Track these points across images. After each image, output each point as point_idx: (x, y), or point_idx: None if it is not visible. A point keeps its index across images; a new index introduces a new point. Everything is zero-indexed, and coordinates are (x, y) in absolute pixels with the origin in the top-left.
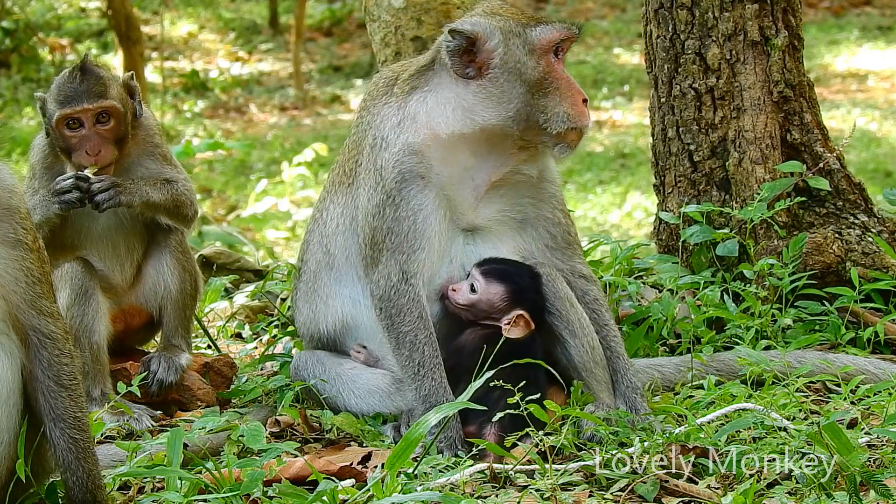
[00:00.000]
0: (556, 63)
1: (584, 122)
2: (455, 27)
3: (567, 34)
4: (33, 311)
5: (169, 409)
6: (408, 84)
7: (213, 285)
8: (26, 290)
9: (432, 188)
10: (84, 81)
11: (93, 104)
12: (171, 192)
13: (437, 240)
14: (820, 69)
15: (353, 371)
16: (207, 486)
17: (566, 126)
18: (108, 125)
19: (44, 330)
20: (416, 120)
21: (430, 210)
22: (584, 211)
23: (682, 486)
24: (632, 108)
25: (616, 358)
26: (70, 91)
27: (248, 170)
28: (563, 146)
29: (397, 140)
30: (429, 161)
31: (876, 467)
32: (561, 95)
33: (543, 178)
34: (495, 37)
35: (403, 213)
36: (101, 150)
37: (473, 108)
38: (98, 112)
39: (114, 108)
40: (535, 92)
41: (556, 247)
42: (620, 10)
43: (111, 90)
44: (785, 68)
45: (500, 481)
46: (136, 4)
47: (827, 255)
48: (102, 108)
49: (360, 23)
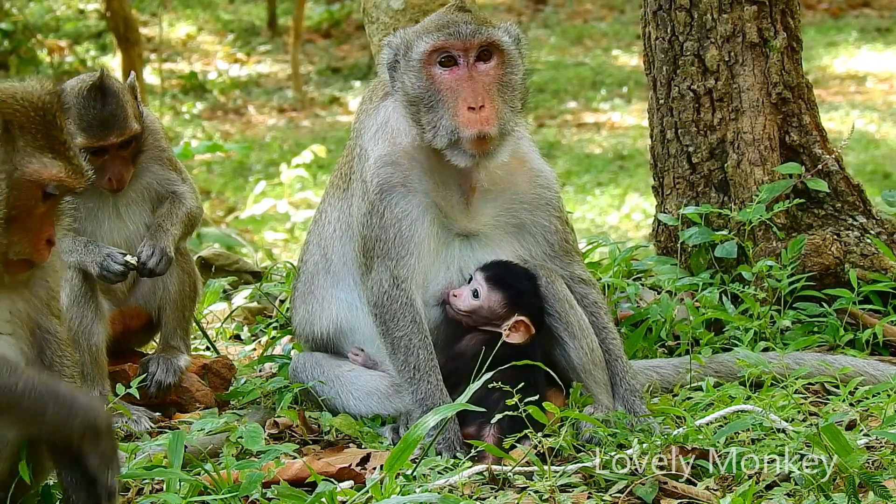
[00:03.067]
0: (443, 74)
1: (470, 132)
2: (387, 40)
3: (438, 44)
4: (47, 310)
5: (168, 411)
6: (382, 90)
7: (211, 287)
8: (47, 289)
9: (416, 194)
10: (105, 107)
11: (119, 137)
12: (185, 212)
13: (427, 244)
14: (818, 71)
15: (351, 373)
16: (206, 488)
17: (448, 140)
18: (128, 148)
19: (51, 329)
20: (388, 128)
21: (416, 216)
22: (582, 213)
23: (680, 488)
24: (630, 109)
25: (615, 360)
26: (93, 119)
27: (247, 171)
28: (462, 154)
29: (374, 151)
30: (405, 169)
31: (875, 469)
32: (444, 108)
33: (538, 184)
34: (400, 51)
35: (388, 222)
36: (122, 175)
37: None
38: (122, 142)
39: (136, 133)
40: (421, 107)
41: (553, 254)
42: (619, 12)
43: (130, 109)
44: (783, 70)
45: (498, 483)
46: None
47: (825, 256)
48: (128, 138)
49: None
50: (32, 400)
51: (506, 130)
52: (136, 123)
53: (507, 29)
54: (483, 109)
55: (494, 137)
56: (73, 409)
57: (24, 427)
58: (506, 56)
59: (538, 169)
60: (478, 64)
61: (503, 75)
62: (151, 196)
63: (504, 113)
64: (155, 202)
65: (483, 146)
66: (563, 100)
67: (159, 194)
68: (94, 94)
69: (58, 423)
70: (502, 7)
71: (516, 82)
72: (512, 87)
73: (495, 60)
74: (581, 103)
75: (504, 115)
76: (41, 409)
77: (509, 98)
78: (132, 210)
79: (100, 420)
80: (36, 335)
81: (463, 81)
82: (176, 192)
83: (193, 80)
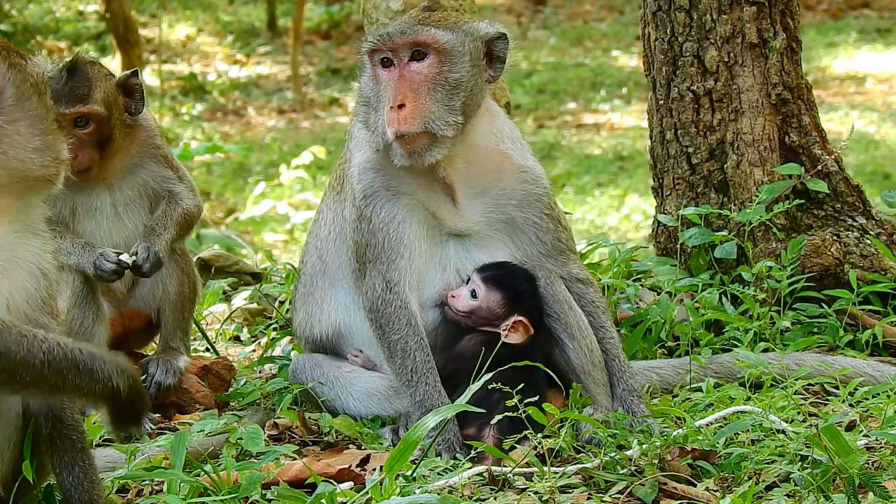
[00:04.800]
0: (383, 74)
1: (391, 130)
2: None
3: (370, 45)
4: (45, 308)
5: (167, 412)
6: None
7: (211, 288)
8: (46, 285)
9: (401, 196)
10: (68, 83)
11: (70, 109)
12: (180, 213)
13: (418, 246)
14: (818, 71)
15: (351, 374)
16: (206, 489)
17: (382, 140)
18: (86, 129)
19: (50, 328)
20: (374, 129)
21: (403, 217)
22: (582, 213)
23: (680, 489)
24: (630, 110)
25: (612, 360)
26: (54, 93)
27: (247, 172)
28: (395, 154)
29: (357, 156)
30: (388, 173)
31: (874, 469)
32: (380, 108)
33: (524, 180)
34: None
35: (376, 226)
36: (77, 154)
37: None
38: (75, 116)
39: (93, 113)
40: (370, 108)
41: (547, 253)
42: (619, 13)
43: (95, 93)
44: (783, 71)
45: (498, 484)
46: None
47: (825, 257)
48: (80, 114)
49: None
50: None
51: (432, 129)
52: (96, 105)
53: (464, 28)
54: (403, 108)
55: (417, 136)
56: (94, 374)
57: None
58: (443, 55)
59: (524, 166)
60: (410, 63)
61: (437, 74)
62: (149, 194)
63: (431, 112)
64: (153, 201)
65: (406, 145)
66: (563, 101)
67: (156, 192)
68: (61, 72)
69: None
70: (502, 8)
71: (456, 80)
72: (449, 86)
73: (430, 59)
74: (581, 104)
75: (431, 115)
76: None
77: (444, 97)
78: (130, 209)
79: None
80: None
81: (393, 81)
82: (172, 190)
83: (193, 81)
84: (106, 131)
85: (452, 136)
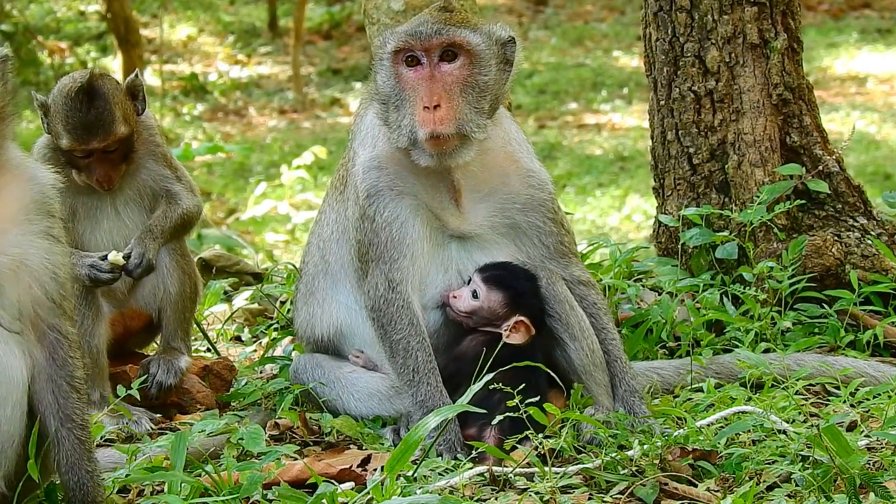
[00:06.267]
0: (408, 73)
1: (424, 131)
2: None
3: (400, 44)
4: (59, 310)
5: (168, 412)
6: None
7: (212, 288)
8: (58, 288)
9: (404, 196)
10: (91, 111)
11: (103, 143)
12: (178, 213)
13: (420, 246)
14: (819, 72)
15: (352, 374)
16: (207, 489)
17: (408, 139)
18: (116, 152)
19: (62, 330)
20: (374, 131)
21: (406, 218)
22: (583, 214)
23: (681, 489)
24: (631, 110)
25: (614, 360)
26: (78, 122)
27: (248, 173)
28: (422, 154)
29: (361, 155)
30: (392, 172)
31: (875, 470)
32: (406, 107)
33: (530, 184)
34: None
35: (379, 226)
36: (110, 176)
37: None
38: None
39: (124, 137)
40: (389, 107)
41: (550, 256)
42: (619, 13)
43: (118, 112)
44: (784, 71)
45: (499, 484)
46: (136, 8)
47: (826, 257)
48: (112, 143)
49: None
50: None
51: (465, 131)
52: (122, 127)
53: (485, 30)
54: (438, 109)
55: (450, 137)
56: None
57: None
58: (474, 57)
59: (530, 169)
60: (441, 64)
61: (468, 76)
62: (148, 194)
63: (464, 114)
64: (153, 200)
65: (438, 146)
66: (564, 101)
67: (156, 192)
68: (80, 97)
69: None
70: (503, 8)
71: (485, 83)
72: (479, 88)
73: (461, 61)
74: (582, 104)
75: (464, 116)
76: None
77: (474, 99)
78: (130, 209)
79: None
80: (48, 336)
81: (423, 81)
82: (171, 190)
83: (194, 81)
84: (130, 145)
85: (482, 139)
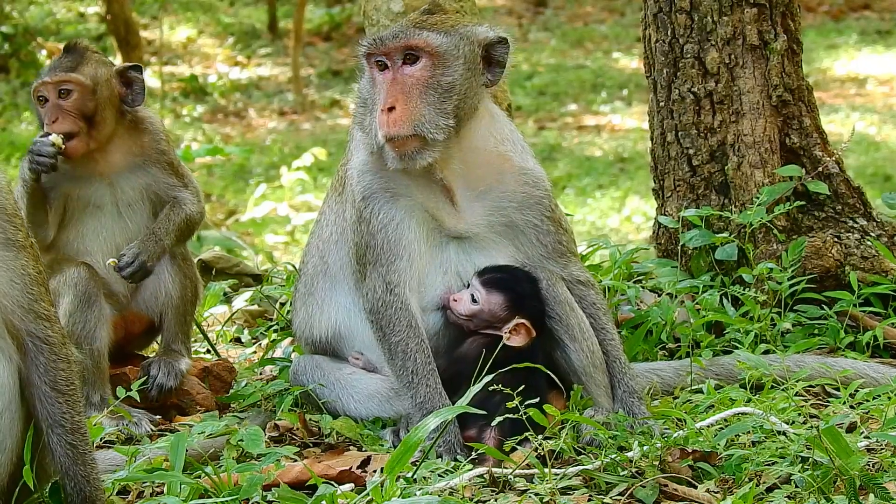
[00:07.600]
0: (378, 77)
1: (381, 133)
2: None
3: (365, 49)
4: (30, 315)
5: (168, 414)
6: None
7: (212, 290)
8: (22, 293)
9: (400, 198)
10: (63, 58)
11: (53, 77)
12: (182, 218)
13: (417, 248)
14: (819, 73)
15: (352, 376)
16: (207, 491)
17: (376, 142)
18: (69, 98)
19: (40, 335)
20: (368, 132)
21: (402, 219)
22: (583, 215)
23: (681, 490)
24: (631, 112)
25: (613, 361)
26: (46, 66)
27: (248, 174)
28: (388, 156)
29: (356, 157)
30: (386, 175)
31: (875, 471)
32: (374, 110)
33: (525, 182)
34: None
35: (375, 227)
36: (57, 118)
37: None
38: (59, 86)
39: (75, 81)
40: (367, 110)
41: (548, 255)
42: (619, 15)
43: (83, 67)
44: (784, 72)
45: (499, 485)
46: (135, 9)
47: (826, 259)
48: (63, 81)
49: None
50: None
51: (422, 132)
52: (80, 76)
53: (460, 32)
54: (393, 111)
55: (408, 139)
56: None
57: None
58: (436, 59)
59: (525, 168)
60: (403, 66)
61: (429, 77)
62: (152, 197)
63: (422, 115)
64: (156, 204)
65: (397, 148)
66: (564, 102)
67: (159, 197)
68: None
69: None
70: (503, 10)
71: (449, 84)
72: (441, 89)
73: (422, 63)
74: (581, 106)
75: (421, 118)
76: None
77: (436, 100)
78: (133, 209)
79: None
80: (26, 344)
81: (386, 84)
82: (177, 197)
83: (194, 83)
84: (90, 105)
85: (443, 140)
